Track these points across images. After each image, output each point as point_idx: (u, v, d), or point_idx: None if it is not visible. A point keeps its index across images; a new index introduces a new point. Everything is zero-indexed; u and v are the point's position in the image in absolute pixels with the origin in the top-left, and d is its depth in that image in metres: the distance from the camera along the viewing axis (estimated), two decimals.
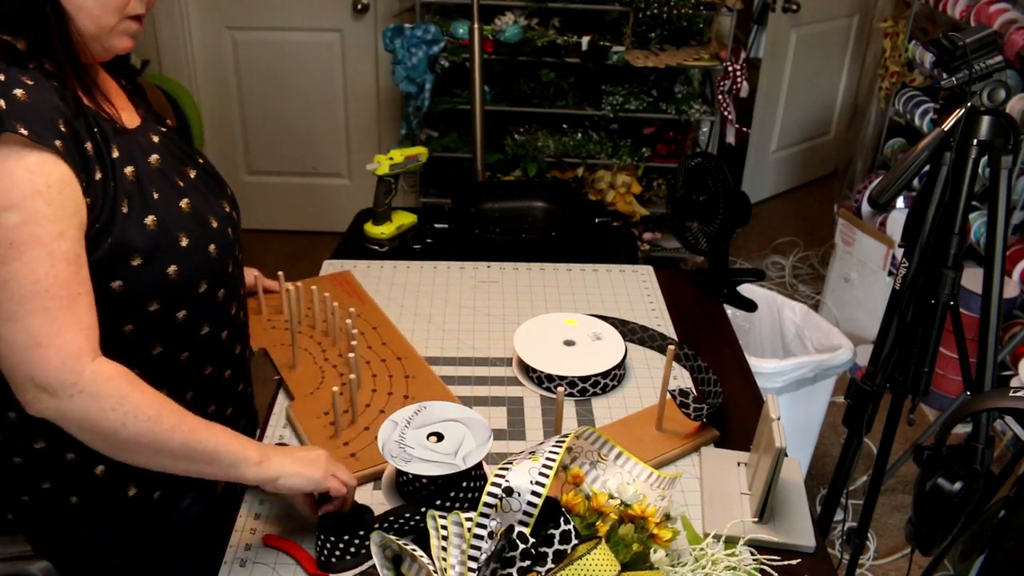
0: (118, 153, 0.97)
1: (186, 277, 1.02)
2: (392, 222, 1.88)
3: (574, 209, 2.00)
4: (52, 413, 0.88)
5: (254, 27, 3.43)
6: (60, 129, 0.89)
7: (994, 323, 1.50)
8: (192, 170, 1.12)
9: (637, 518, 0.98)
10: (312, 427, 1.23)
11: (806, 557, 1.07)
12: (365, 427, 1.23)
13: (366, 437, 1.22)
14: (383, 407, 1.28)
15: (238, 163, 3.73)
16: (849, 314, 3.08)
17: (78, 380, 0.87)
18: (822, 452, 2.60)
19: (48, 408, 0.88)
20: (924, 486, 1.46)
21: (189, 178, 1.09)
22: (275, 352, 1.43)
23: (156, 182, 1.01)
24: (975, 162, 1.48)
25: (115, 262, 0.95)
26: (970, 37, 1.42)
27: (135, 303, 0.99)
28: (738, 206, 1.62)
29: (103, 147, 0.95)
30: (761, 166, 4.12)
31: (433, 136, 3.29)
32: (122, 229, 0.95)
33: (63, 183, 0.88)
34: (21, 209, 0.85)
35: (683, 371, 1.44)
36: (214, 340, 1.11)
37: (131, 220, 0.96)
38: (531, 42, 3.03)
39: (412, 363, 1.40)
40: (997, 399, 1.32)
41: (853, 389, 1.69)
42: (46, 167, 0.87)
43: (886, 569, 2.26)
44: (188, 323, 1.06)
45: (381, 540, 0.91)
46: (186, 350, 1.07)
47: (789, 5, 3.66)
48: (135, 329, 1.00)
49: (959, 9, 2.79)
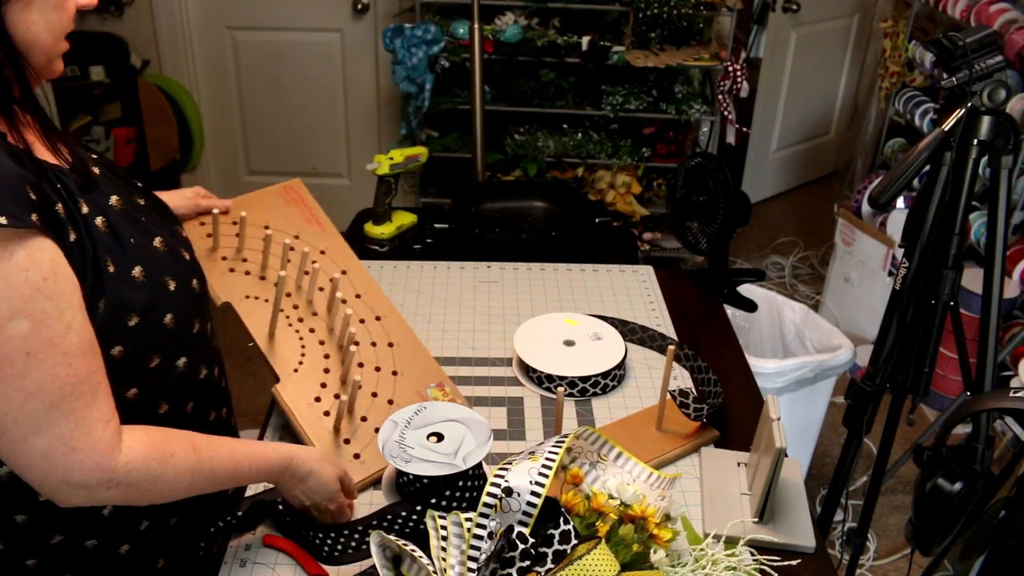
0: (87, 208, 0.87)
1: (181, 322, 0.96)
2: (392, 222, 1.88)
3: (574, 209, 2.00)
4: (88, 503, 0.86)
5: (254, 27, 3.43)
6: (31, 198, 0.79)
7: (994, 323, 1.50)
8: (139, 197, 1.00)
9: (637, 518, 0.98)
10: (308, 421, 1.20)
11: (806, 557, 1.07)
12: (362, 417, 1.22)
13: (366, 431, 1.21)
14: (374, 388, 1.25)
15: (238, 163, 3.73)
16: (849, 314, 3.08)
17: (112, 475, 0.84)
18: (822, 452, 2.60)
19: (83, 500, 0.85)
20: (924, 486, 1.46)
21: (144, 209, 0.99)
22: (242, 307, 1.28)
23: (127, 227, 0.91)
24: (975, 162, 1.48)
25: (112, 327, 0.89)
26: (970, 37, 1.42)
27: (137, 364, 0.93)
28: (738, 206, 1.62)
29: (72, 205, 0.85)
30: (761, 166, 4.12)
31: (433, 136, 3.29)
32: (113, 289, 0.88)
33: (54, 267, 0.80)
34: (27, 315, 0.78)
35: (683, 371, 1.44)
36: (209, 381, 1.06)
37: (119, 278, 0.89)
38: (531, 42, 3.03)
39: (392, 324, 1.35)
40: (997, 399, 1.32)
41: (853, 389, 1.69)
42: (36, 257, 0.79)
43: (886, 569, 2.26)
44: (188, 370, 1.00)
45: (381, 540, 0.91)
46: (190, 400, 1.02)
47: (789, 5, 3.66)
48: (139, 392, 0.94)
49: (959, 9, 2.79)
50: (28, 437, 0.80)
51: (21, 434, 0.80)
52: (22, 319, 0.78)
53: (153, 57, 3.39)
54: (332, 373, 1.25)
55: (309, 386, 1.23)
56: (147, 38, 3.36)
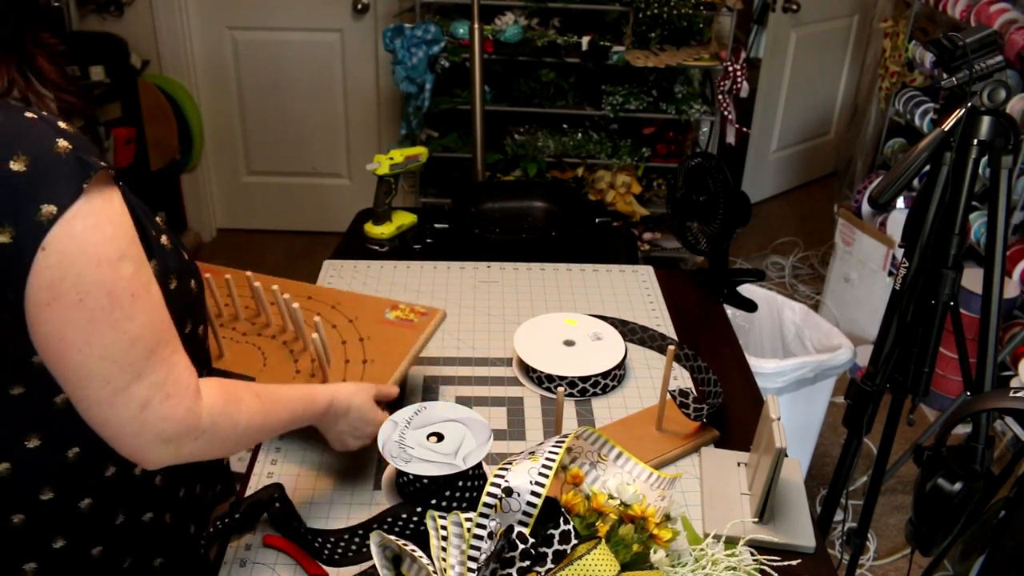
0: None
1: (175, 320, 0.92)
2: (392, 222, 1.88)
3: (574, 209, 2.00)
4: (172, 460, 0.85)
5: (254, 27, 3.43)
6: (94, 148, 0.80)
7: (994, 323, 1.50)
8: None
9: (637, 518, 0.98)
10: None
11: (806, 557, 1.07)
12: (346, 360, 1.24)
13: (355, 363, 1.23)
14: (346, 357, 1.26)
15: (238, 163, 3.73)
16: (849, 314, 3.08)
17: (199, 423, 0.84)
18: (822, 452, 2.60)
19: (169, 456, 0.84)
20: (924, 486, 1.46)
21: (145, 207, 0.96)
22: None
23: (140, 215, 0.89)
24: (975, 162, 1.48)
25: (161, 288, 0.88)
26: (970, 37, 1.42)
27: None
28: (738, 206, 1.62)
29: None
30: (761, 166, 4.12)
31: (433, 136, 3.29)
32: (157, 248, 0.88)
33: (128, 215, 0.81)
34: (130, 257, 0.79)
35: (683, 371, 1.44)
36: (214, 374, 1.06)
37: (154, 239, 0.88)
38: (531, 42, 3.03)
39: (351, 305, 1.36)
40: (997, 399, 1.32)
41: (853, 389, 1.69)
42: (122, 201, 0.80)
43: (886, 569, 2.26)
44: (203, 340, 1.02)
45: (381, 540, 0.91)
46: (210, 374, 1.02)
47: (789, 5, 3.66)
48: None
49: (959, 9, 2.79)
50: (131, 385, 0.79)
51: (125, 382, 0.79)
52: (128, 261, 0.79)
53: (153, 57, 3.40)
54: (302, 361, 1.27)
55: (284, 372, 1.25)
56: (147, 38, 3.36)
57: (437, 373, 1.40)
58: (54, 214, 0.74)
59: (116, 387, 0.79)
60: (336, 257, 1.79)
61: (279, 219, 3.81)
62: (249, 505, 1.08)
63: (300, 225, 3.81)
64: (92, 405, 0.79)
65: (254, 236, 3.78)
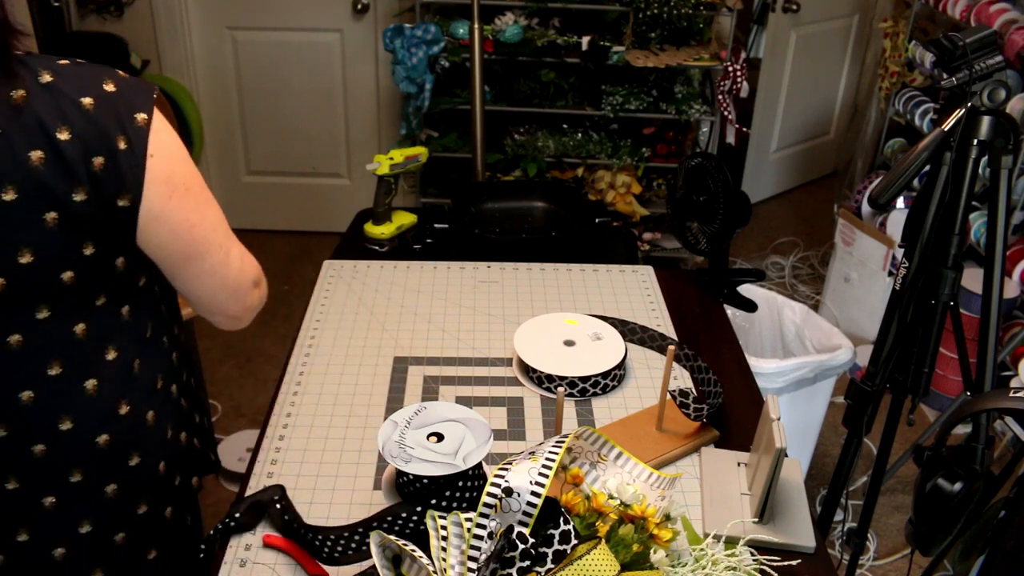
0: None
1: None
2: (392, 222, 1.88)
3: (574, 209, 2.00)
4: (256, 304, 1.11)
5: (254, 27, 3.43)
6: None
7: (994, 323, 1.50)
8: None
9: (637, 518, 0.98)
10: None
11: (806, 557, 1.07)
12: None
13: None
14: None
15: (238, 163, 3.73)
16: (849, 314, 3.08)
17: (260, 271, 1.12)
18: (822, 452, 2.60)
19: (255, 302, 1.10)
20: (924, 486, 1.46)
21: None
22: None
23: None
24: (975, 162, 1.48)
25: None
26: (970, 37, 1.42)
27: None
28: (738, 206, 1.62)
29: None
30: (761, 166, 4.12)
31: (433, 136, 3.29)
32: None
33: None
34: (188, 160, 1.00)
35: (683, 371, 1.44)
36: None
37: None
38: (531, 42, 3.03)
39: None
40: (997, 399, 1.32)
41: (853, 389, 1.69)
42: None
43: (886, 569, 2.26)
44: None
45: (381, 540, 0.91)
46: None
47: (789, 5, 3.66)
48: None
49: (959, 9, 2.79)
50: (232, 247, 1.05)
51: (229, 244, 1.04)
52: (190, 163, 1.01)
53: (153, 57, 3.39)
54: None
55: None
56: (147, 38, 3.35)
57: (437, 373, 1.40)
58: (147, 120, 0.95)
59: (226, 250, 1.04)
60: (336, 257, 1.79)
61: (279, 219, 3.81)
62: (249, 505, 1.08)
63: (300, 225, 3.81)
64: (211, 274, 1.03)
65: (254, 236, 3.77)
